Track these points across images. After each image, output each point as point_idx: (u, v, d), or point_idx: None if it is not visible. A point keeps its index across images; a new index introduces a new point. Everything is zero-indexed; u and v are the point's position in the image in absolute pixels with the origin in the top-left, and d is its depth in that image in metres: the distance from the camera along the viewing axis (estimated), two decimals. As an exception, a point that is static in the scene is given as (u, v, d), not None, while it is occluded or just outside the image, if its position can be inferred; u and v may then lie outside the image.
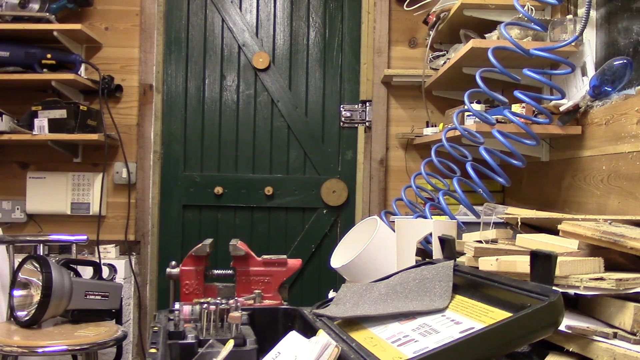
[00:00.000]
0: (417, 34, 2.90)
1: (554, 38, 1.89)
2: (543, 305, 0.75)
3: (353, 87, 3.03)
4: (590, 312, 0.95)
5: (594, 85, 1.70)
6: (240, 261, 1.49)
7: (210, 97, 3.02)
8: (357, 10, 3.02)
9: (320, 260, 2.96)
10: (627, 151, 1.58)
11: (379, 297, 1.04)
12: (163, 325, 1.17)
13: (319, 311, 1.10)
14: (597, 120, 1.76)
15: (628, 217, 1.19)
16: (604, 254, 1.00)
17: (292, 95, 3.03)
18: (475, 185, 1.70)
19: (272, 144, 3.03)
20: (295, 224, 3.03)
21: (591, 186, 1.78)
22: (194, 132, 3.02)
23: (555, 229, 1.10)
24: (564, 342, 0.85)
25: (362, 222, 1.64)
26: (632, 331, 0.85)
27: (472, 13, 2.16)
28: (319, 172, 3.02)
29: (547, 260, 0.81)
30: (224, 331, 1.12)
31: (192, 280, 1.47)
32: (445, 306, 0.93)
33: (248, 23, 3.03)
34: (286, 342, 0.91)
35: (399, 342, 0.86)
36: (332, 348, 0.85)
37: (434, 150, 1.85)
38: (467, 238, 1.31)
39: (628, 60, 1.61)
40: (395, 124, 2.91)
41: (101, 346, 2.04)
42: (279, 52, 3.04)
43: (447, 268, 1.01)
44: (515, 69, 1.83)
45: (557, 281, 0.91)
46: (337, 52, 3.04)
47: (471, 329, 0.81)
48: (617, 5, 1.83)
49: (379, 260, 1.45)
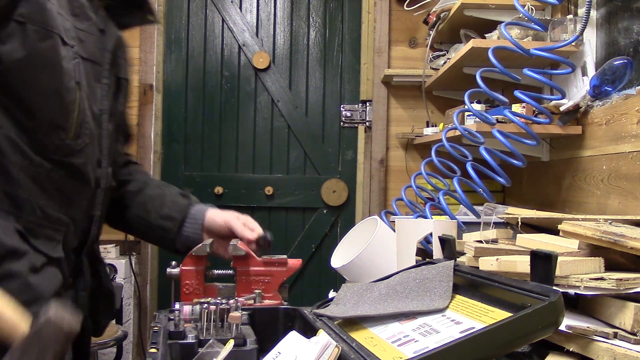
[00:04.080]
0: (417, 34, 2.90)
1: (554, 38, 1.88)
2: (543, 305, 0.75)
3: (353, 87, 3.03)
4: (591, 312, 0.95)
5: (594, 85, 1.70)
6: (240, 261, 1.49)
7: (211, 97, 3.02)
8: (357, 10, 3.02)
9: (321, 260, 2.96)
10: (627, 151, 1.58)
11: (379, 297, 1.04)
12: (163, 325, 1.17)
13: (319, 311, 1.10)
14: (598, 120, 1.76)
15: (628, 217, 1.19)
16: (604, 254, 1.00)
17: (292, 95, 3.03)
18: (476, 185, 1.70)
19: (272, 144, 3.03)
20: (295, 223, 3.03)
21: (591, 186, 1.78)
22: (194, 132, 3.02)
23: (555, 229, 1.10)
24: (565, 342, 0.85)
25: (362, 222, 1.64)
26: (633, 331, 0.85)
27: (473, 13, 2.16)
28: (319, 172, 3.02)
29: (548, 260, 0.81)
30: (224, 331, 1.12)
31: (192, 280, 1.46)
32: (445, 306, 0.93)
33: (248, 23, 3.03)
34: (286, 342, 0.90)
35: (399, 342, 0.86)
36: (333, 348, 0.85)
37: (434, 150, 1.85)
38: (468, 238, 1.31)
39: (628, 60, 1.61)
40: (395, 124, 2.91)
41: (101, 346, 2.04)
42: (279, 52, 3.04)
43: (447, 268, 1.01)
44: (516, 68, 1.83)
45: (558, 281, 0.91)
46: (337, 52, 3.04)
47: (471, 329, 0.81)
48: (618, 5, 1.83)
49: (379, 260, 1.45)
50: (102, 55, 1.26)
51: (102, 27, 1.27)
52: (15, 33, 1.11)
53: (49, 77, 1.15)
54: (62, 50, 1.16)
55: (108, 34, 1.28)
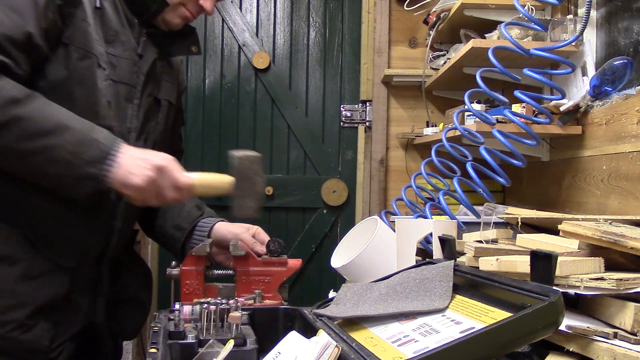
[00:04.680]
0: (417, 34, 2.90)
1: (554, 38, 1.88)
2: (543, 305, 0.75)
3: (353, 87, 3.03)
4: (591, 312, 0.95)
5: (594, 85, 1.70)
6: (240, 261, 1.49)
7: (211, 97, 3.02)
8: (357, 10, 3.02)
9: (321, 260, 2.96)
10: (627, 151, 1.58)
11: (379, 297, 1.04)
12: (163, 325, 1.17)
13: (319, 311, 1.10)
14: (598, 120, 1.76)
15: (628, 217, 1.19)
16: (605, 254, 1.00)
17: (292, 95, 3.03)
18: (476, 185, 1.70)
19: (272, 144, 3.03)
20: (295, 223, 3.02)
21: (591, 186, 1.78)
22: (194, 132, 3.01)
23: (555, 229, 1.10)
24: (565, 342, 0.85)
25: (362, 222, 1.64)
26: (633, 331, 0.85)
27: (473, 13, 2.16)
28: (319, 172, 3.02)
29: (548, 260, 0.81)
30: (224, 331, 1.12)
31: (192, 280, 1.47)
32: (445, 306, 0.93)
33: (248, 23, 3.03)
34: (286, 342, 0.91)
35: (399, 342, 0.86)
36: (333, 348, 0.85)
37: (434, 150, 1.85)
38: (468, 238, 1.31)
39: (628, 60, 1.61)
40: (395, 124, 2.91)
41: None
42: (279, 52, 3.04)
43: (447, 268, 1.01)
44: (516, 68, 1.83)
45: (558, 281, 0.91)
46: (337, 52, 3.04)
47: (471, 329, 0.81)
48: (618, 5, 1.83)
49: (379, 260, 1.45)
50: (136, 78, 1.36)
51: (141, 52, 1.37)
52: (59, 53, 1.22)
53: (85, 94, 1.25)
54: (98, 70, 1.26)
55: (145, 59, 1.38)
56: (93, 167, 1.16)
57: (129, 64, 1.34)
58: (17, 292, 1.22)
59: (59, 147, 1.14)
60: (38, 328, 1.23)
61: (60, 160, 1.14)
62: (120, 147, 1.19)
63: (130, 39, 1.34)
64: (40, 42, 1.17)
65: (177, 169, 1.25)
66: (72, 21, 1.23)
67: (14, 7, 1.15)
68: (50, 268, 1.26)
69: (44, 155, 1.14)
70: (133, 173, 1.18)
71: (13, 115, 1.11)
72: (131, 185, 1.19)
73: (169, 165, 1.23)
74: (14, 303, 1.21)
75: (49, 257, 1.26)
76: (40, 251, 1.25)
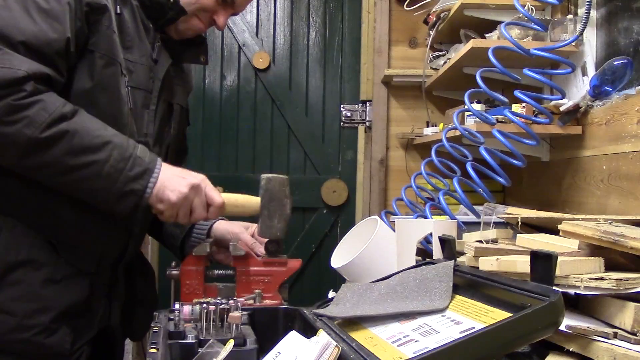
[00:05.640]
0: (417, 34, 2.90)
1: (554, 38, 1.88)
2: (543, 305, 0.75)
3: (353, 87, 3.03)
4: (591, 312, 0.95)
5: (594, 85, 1.70)
6: (240, 261, 1.49)
7: (211, 97, 3.02)
8: (357, 10, 3.02)
9: (321, 260, 2.96)
10: (627, 151, 1.58)
11: (379, 297, 1.04)
12: (163, 325, 1.17)
13: (319, 311, 1.10)
14: (598, 120, 1.76)
15: (628, 217, 1.19)
16: (605, 253, 1.00)
17: (292, 95, 3.03)
18: (476, 185, 1.70)
19: (272, 144, 3.03)
20: (295, 223, 3.02)
21: (591, 186, 1.78)
22: (194, 132, 3.01)
23: (555, 229, 1.10)
24: (565, 342, 0.85)
25: (362, 222, 1.64)
26: (633, 331, 0.85)
27: (473, 13, 2.16)
28: (319, 172, 3.02)
29: (548, 260, 0.81)
30: (224, 331, 1.13)
31: (192, 280, 1.47)
32: (445, 306, 0.93)
33: (248, 23, 3.03)
34: (286, 342, 0.91)
35: (399, 342, 0.86)
36: (332, 348, 0.85)
37: (434, 150, 1.85)
38: (468, 238, 1.31)
39: (628, 60, 1.61)
40: (395, 124, 2.91)
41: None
42: (279, 52, 3.04)
43: (447, 268, 1.01)
44: (516, 68, 1.83)
45: (558, 281, 0.91)
46: (337, 52, 3.04)
47: (471, 329, 0.81)
48: (618, 5, 1.83)
49: (379, 260, 1.45)
50: (152, 84, 1.36)
51: (156, 58, 1.37)
52: (85, 61, 1.22)
53: (109, 101, 1.26)
54: (121, 78, 1.27)
55: (160, 64, 1.38)
56: (136, 183, 1.18)
57: (145, 70, 1.34)
58: (42, 296, 1.22)
59: (105, 163, 1.15)
60: (61, 332, 1.23)
61: (105, 176, 1.15)
62: (159, 163, 1.22)
63: (146, 45, 1.34)
64: (74, 49, 1.18)
65: (211, 187, 1.28)
66: (98, 28, 1.22)
67: (50, 12, 1.14)
68: (72, 273, 1.27)
69: (89, 170, 1.15)
70: (170, 189, 1.21)
71: (62, 131, 1.11)
72: (166, 200, 1.21)
73: (202, 184, 1.26)
74: (40, 307, 1.22)
75: (71, 262, 1.27)
76: (62, 256, 1.25)
